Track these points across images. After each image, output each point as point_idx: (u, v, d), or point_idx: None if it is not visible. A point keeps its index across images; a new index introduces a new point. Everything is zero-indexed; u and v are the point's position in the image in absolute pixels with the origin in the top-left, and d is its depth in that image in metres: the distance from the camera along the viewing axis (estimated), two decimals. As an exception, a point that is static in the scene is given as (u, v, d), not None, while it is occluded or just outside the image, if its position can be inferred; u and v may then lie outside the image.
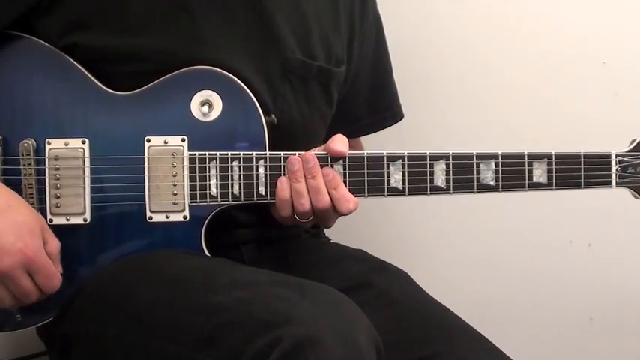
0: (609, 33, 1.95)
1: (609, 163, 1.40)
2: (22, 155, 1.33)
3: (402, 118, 1.68)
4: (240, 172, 1.35)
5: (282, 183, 1.34)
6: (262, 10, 1.42)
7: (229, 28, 1.40)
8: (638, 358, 2.03)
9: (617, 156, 1.40)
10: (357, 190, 1.36)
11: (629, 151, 1.40)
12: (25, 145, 1.33)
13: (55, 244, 1.30)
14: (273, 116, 1.39)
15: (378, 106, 1.65)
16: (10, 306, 1.28)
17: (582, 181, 1.39)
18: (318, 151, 1.37)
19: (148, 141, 1.35)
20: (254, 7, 1.42)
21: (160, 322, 1.20)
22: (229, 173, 1.35)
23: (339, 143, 1.36)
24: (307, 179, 1.34)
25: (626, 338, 2.03)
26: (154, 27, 1.37)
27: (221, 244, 1.40)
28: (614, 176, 1.40)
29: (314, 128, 1.50)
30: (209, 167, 1.35)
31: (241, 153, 1.35)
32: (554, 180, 1.38)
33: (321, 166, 1.34)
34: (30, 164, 1.33)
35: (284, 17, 1.44)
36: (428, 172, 1.36)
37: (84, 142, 1.34)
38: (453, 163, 1.36)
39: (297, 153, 1.35)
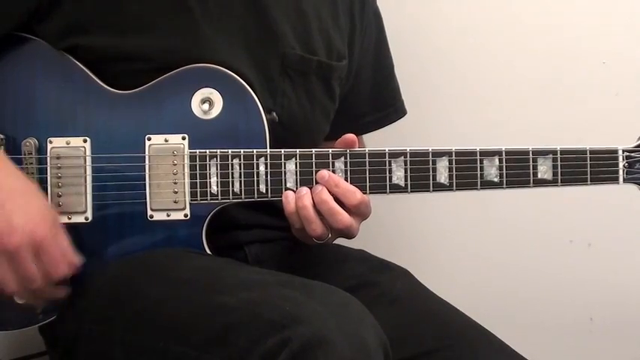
0: (609, 33, 1.94)
1: (616, 158, 1.37)
2: (24, 154, 1.33)
3: (405, 113, 1.68)
4: (240, 169, 1.34)
5: (287, 197, 1.34)
6: (261, 6, 1.43)
7: (228, 25, 1.41)
8: (638, 358, 2.02)
9: (624, 151, 1.37)
10: (358, 187, 1.34)
11: (636, 147, 1.37)
12: (27, 144, 1.33)
13: (64, 237, 1.28)
14: (274, 114, 1.39)
15: (382, 102, 1.65)
16: (13, 291, 1.26)
17: (589, 177, 1.36)
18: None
19: (149, 139, 1.34)
20: (253, 4, 1.42)
21: (166, 322, 1.20)
22: (230, 171, 1.34)
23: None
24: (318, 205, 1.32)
25: (626, 338, 2.02)
26: (153, 26, 1.37)
27: (225, 245, 1.40)
28: (621, 172, 1.37)
29: (316, 123, 1.50)
30: (209, 165, 1.34)
31: (242, 151, 1.34)
32: (559, 176, 1.36)
33: (322, 164, 1.34)
34: (32, 163, 1.34)
35: (283, 13, 1.44)
36: (430, 169, 1.35)
37: (85, 141, 1.34)
38: (455, 160, 1.35)
39: (297, 150, 1.34)
